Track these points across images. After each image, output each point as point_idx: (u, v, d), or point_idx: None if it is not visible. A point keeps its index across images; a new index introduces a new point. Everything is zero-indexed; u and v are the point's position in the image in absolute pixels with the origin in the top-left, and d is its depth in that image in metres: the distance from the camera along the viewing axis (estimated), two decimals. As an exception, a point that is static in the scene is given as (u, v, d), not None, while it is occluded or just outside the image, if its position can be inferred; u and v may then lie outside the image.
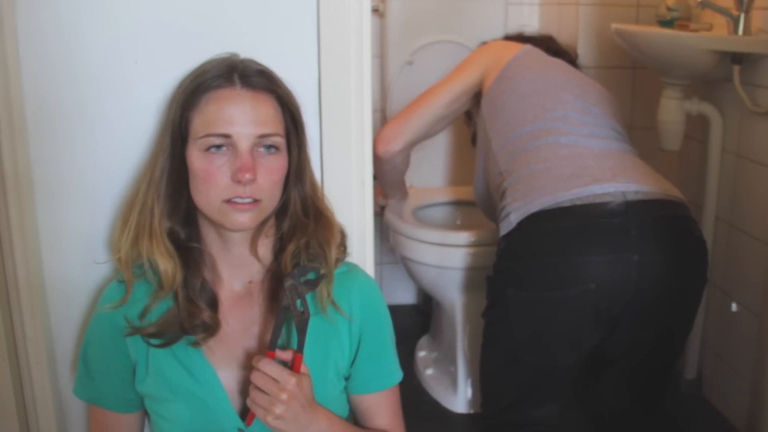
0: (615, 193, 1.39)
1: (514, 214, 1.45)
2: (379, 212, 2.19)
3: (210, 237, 1.00)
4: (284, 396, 0.91)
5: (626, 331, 1.45)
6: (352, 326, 1.03)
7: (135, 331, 0.98)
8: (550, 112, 1.56)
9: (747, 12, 1.78)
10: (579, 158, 1.47)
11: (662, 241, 1.40)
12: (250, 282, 1.03)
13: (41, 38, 1.03)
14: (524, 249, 1.45)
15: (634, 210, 1.38)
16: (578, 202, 1.39)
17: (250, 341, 1.01)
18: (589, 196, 1.39)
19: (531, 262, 1.44)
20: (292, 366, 0.95)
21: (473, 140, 2.07)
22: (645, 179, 1.43)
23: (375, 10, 2.32)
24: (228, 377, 0.99)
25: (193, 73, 0.97)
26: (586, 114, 1.57)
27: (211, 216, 0.95)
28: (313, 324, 0.97)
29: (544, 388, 1.51)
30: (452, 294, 1.99)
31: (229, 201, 0.93)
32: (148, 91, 1.05)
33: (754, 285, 1.80)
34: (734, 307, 1.87)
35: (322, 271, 0.99)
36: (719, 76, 1.84)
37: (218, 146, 0.93)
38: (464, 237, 1.91)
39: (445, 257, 1.93)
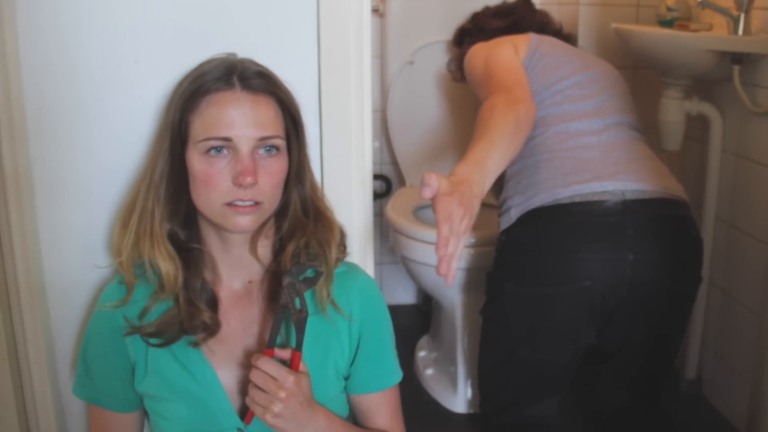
0: (614, 192, 1.39)
1: (514, 210, 1.46)
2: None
3: (210, 238, 1.00)
4: (283, 394, 0.91)
5: (620, 328, 1.45)
6: (351, 326, 1.03)
7: (134, 330, 0.98)
8: (568, 98, 1.54)
9: (747, 12, 1.78)
10: (585, 149, 1.46)
11: (658, 240, 1.40)
12: (249, 282, 1.03)
13: (41, 38, 1.03)
14: (523, 244, 1.46)
15: (632, 209, 1.39)
16: (577, 200, 1.40)
17: (250, 341, 1.01)
18: (588, 193, 1.39)
19: (529, 258, 1.45)
20: (290, 364, 0.95)
21: (455, 77, 2.00)
22: (647, 177, 1.43)
23: (375, 10, 2.32)
24: (227, 377, 0.99)
25: (191, 75, 0.96)
26: (597, 95, 1.54)
27: (212, 218, 0.95)
28: (313, 324, 0.97)
29: (541, 386, 1.52)
30: (452, 294, 1.98)
31: (230, 204, 0.93)
32: (147, 91, 1.04)
33: (754, 285, 1.80)
34: None
35: (321, 269, 0.99)
36: (719, 76, 1.84)
37: (218, 149, 0.92)
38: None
39: (445, 257, 1.92)
